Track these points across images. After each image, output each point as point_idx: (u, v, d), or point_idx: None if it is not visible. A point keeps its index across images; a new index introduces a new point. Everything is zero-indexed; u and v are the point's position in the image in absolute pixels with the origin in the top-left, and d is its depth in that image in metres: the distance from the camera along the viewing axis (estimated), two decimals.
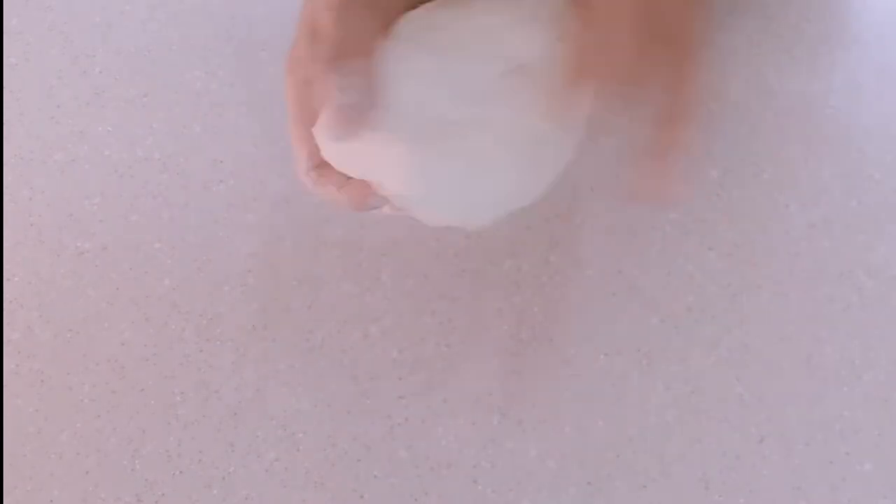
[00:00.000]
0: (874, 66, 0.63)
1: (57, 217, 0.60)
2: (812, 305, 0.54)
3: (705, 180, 0.58)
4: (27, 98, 0.65)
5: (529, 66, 0.42)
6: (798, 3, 0.65)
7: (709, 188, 0.58)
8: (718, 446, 0.51)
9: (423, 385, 0.53)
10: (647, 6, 0.42)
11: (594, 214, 0.58)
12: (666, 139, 0.43)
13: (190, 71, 0.65)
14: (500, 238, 0.57)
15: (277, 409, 0.53)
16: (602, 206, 0.58)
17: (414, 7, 0.44)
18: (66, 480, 0.51)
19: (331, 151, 0.43)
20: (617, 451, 0.51)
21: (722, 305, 0.54)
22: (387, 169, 0.41)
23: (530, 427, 0.52)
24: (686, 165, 0.43)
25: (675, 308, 0.54)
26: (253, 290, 0.56)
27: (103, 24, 0.68)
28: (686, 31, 0.45)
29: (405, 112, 0.41)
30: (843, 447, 0.50)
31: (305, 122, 0.44)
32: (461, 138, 0.40)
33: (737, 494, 0.49)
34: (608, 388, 0.52)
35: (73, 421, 0.53)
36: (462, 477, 0.50)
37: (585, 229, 0.57)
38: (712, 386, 0.52)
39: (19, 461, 0.52)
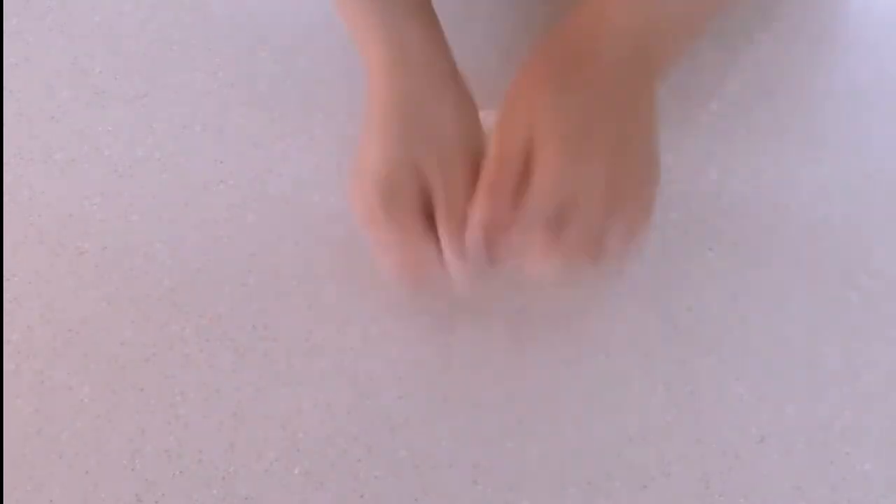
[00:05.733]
0: (874, 66, 0.63)
1: (57, 217, 0.60)
2: (812, 305, 0.54)
3: (705, 180, 0.58)
4: (27, 98, 0.65)
5: None
6: (798, 3, 0.65)
7: (709, 188, 0.58)
8: (718, 446, 0.51)
9: (423, 385, 0.53)
10: None
11: None
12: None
13: (190, 71, 0.65)
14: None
15: (277, 409, 0.53)
16: None
17: None
18: (66, 480, 0.51)
19: None
20: (617, 451, 0.51)
21: (722, 305, 0.54)
22: None
23: (530, 427, 0.52)
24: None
25: (675, 308, 0.54)
26: (253, 290, 0.56)
27: (103, 24, 0.68)
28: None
29: None
30: (843, 447, 0.50)
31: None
32: None
33: (737, 494, 0.49)
34: (608, 388, 0.52)
35: (73, 421, 0.53)
36: (462, 477, 0.50)
37: None
38: (712, 386, 0.52)
39: (19, 461, 0.52)
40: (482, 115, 0.53)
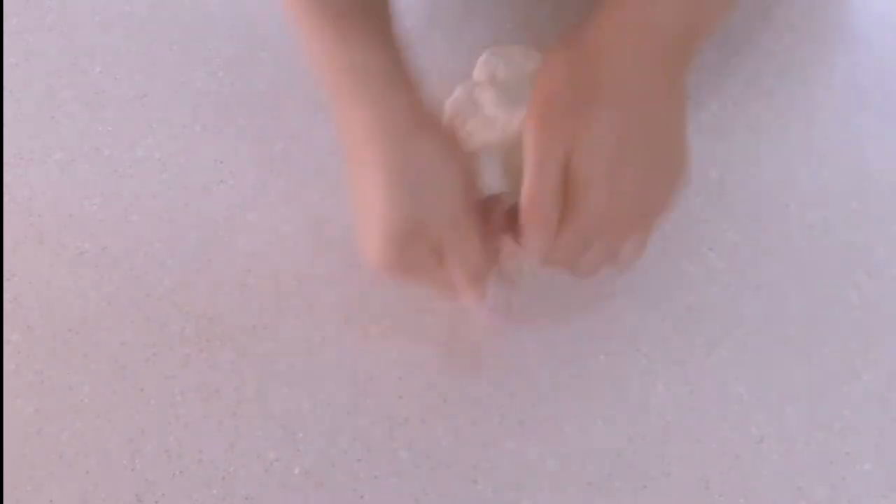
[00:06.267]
0: (874, 66, 0.63)
1: (57, 217, 0.60)
2: (812, 305, 0.54)
3: (705, 180, 0.58)
4: (27, 98, 0.65)
5: None
6: (798, 3, 0.65)
7: (709, 188, 0.58)
8: (718, 446, 0.51)
9: (423, 385, 0.53)
10: None
11: None
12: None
13: (190, 71, 0.65)
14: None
15: (277, 409, 0.53)
16: None
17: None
18: (66, 480, 0.51)
19: None
20: (617, 451, 0.51)
21: (722, 305, 0.54)
22: None
23: (530, 427, 0.52)
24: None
25: (675, 308, 0.54)
26: (253, 290, 0.56)
27: (103, 24, 0.68)
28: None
29: None
30: (843, 447, 0.50)
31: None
32: None
33: (737, 494, 0.49)
34: (608, 388, 0.52)
35: (73, 421, 0.53)
36: (462, 477, 0.50)
37: None
38: (712, 386, 0.52)
39: (19, 461, 0.52)
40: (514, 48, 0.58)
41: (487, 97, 0.58)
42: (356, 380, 0.53)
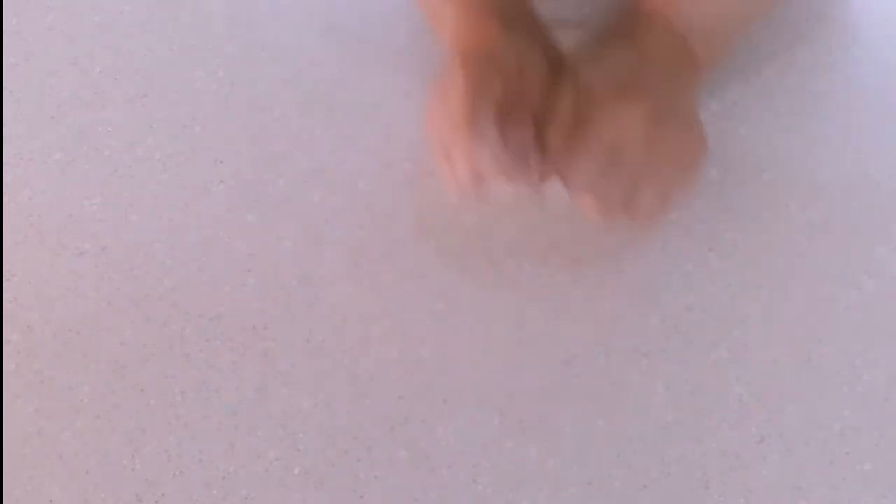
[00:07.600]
0: (874, 66, 0.63)
1: (57, 217, 0.60)
2: (812, 305, 0.54)
3: (705, 180, 0.58)
4: (27, 98, 0.65)
5: None
6: (798, 3, 0.65)
7: (709, 188, 0.58)
8: (718, 446, 0.51)
9: (423, 385, 0.53)
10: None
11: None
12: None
13: (190, 71, 0.65)
14: (500, 238, 0.57)
15: (277, 409, 0.53)
16: None
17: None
18: (66, 480, 0.51)
19: None
20: (617, 451, 0.51)
21: (722, 305, 0.54)
22: None
23: (530, 427, 0.52)
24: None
25: (675, 308, 0.54)
26: (253, 290, 0.56)
27: (103, 24, 0.68)
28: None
29: None
30: (843, 447, 0.50)
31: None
32: None
33: (737, 494, 0.49)
34: (608, 388, 0.52)
35: (73, 421, 0.53)
36: (462, 477, 0.50)
37: (585, 229, 0.57)
38: (712, 386, 0.52)
39: (19, 461, 0.52)
40: None
41: None
42: (356, 380, 0.53)
